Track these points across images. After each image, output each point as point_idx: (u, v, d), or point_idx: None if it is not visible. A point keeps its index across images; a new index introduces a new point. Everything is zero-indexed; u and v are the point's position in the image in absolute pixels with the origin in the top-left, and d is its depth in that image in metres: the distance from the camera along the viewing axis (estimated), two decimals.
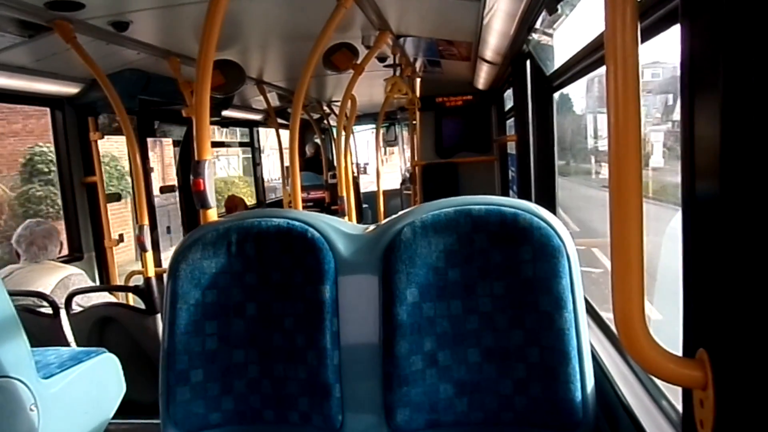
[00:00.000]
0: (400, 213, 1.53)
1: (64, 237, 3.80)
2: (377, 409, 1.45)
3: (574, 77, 2.48)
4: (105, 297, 3.63)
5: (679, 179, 0.88)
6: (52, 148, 4.33)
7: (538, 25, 2.66)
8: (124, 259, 7.05)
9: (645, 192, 0.86)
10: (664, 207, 2.41)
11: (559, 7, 2.19)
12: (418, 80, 5.89)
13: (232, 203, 6.13)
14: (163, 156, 11.86)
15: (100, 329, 3.28)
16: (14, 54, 2.98)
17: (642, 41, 0.83)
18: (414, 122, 6.17)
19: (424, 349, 1.43)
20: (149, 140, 5.11)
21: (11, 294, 2.12)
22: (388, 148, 11.59)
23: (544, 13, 2.40)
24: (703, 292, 0.84)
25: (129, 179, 7.44)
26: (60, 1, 2.41)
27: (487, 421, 1.43)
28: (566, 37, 2.64)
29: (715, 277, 0.80)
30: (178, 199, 5.64)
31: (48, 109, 4.00)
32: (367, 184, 10.51)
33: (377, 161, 6.69)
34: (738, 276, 0.75)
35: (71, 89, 3.77)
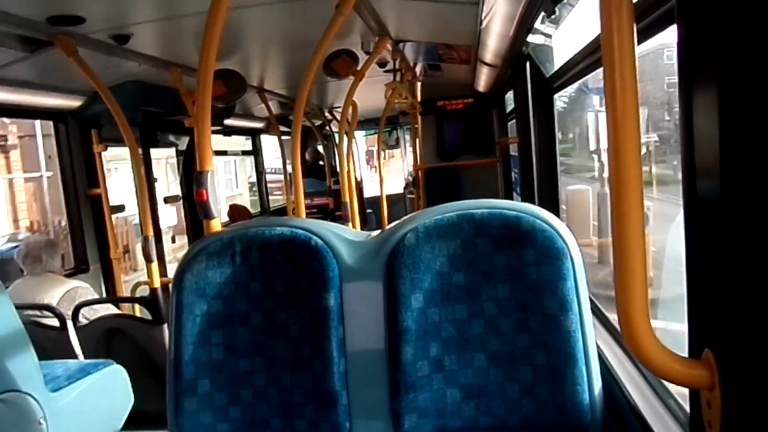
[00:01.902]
0: (403, 219, 1.53)
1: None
2: (384, 416, 1.45)
3: (574, 78, 2.48)
4: (111, 309, 3.64)
5: None
6: None
7: (536, 26, 2.67)
8: None
9: None
10: None
11: (556, 9, 2.19)
12: (419, 84, 5.90)
13: (235, 212, 6.15)
14: None
15: (108, 341, 3.29)
16: (17, 69, 3.01)
17: (639, 42, 0.84)
18: (416, 126, 6.18)
19: (430, 355, 1.43)
20: None
21: (18, 307, 2.13)
22: (387, 151, 11.61)
23: (542, 15, 2.41)
24: (708, 292, 0.84)
25: None
26: (61, 16, 2.43)
27: (495, 425, 1.43)
28: (565, 39, 2.64)
29: (720, 277, 0.79)
30: (182, 209, 5.65)
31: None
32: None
33: (379, 166, 6.70)
34: (743, 275, 0.74)
35: (74, 102, 3.79)
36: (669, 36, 1.29)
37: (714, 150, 0.77)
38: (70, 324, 3.20)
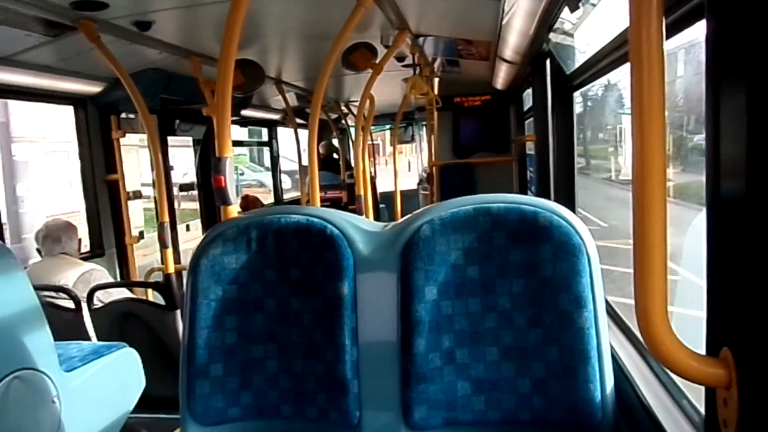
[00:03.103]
0: (419, 210, 1.53)
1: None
2: (395, 406, 1.45)
3: (595, 76, 2.46)
4: (125, 293, 3.68)
5: None
6: None
7: (558, 23, 2.65)
8: None
9: None
10: None
11: (580, 4, 2.17)
12: (437, 80, 5.88)
13: (248, 202, 6.19)
14: None
15: (121, 324, 3.33)
16: (40, 53, 3.04)
17: (667, 37, 0.83)
18: (432, 122, 6.17)
19: (442, 347, 1.43)
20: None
21: (34, 288, 2.17)
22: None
23: (564, 11, 2.39)
24: (728, 290, 0.83)
25: None
26: (85, 1, 2.45)
27: (505, 420, 1.43)
28: (588, 35, 2.62)
29: (740, 276, 0.79)
30: (198, 196, 5.70)
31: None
32: None
33: (394, 161, 6.71)
34: (763, 275, 0.74)
35: (94, 88, 3.83)
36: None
37: (741, 149, 0.76)
38: (84, 306, 3.24)
